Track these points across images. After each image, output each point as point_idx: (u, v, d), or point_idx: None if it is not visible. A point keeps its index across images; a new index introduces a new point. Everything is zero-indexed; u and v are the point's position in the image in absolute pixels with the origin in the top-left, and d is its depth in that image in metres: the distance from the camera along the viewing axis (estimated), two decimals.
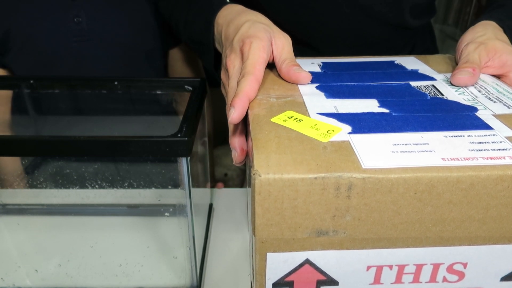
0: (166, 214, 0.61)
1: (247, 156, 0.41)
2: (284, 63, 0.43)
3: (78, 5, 0.74)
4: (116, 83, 0.56)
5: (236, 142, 0.41)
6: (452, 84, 0.43)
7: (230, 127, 0.42)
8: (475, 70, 0.42)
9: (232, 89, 0.41)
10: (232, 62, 0.43)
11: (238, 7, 0.50)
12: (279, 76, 0.44)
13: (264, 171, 0.29)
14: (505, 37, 0.48)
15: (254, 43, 0.42)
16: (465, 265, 0.33)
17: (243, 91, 0.38)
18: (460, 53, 0.47)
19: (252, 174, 0.29)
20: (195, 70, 0.90)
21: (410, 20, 0.64)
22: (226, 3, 0.52)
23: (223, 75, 0.47)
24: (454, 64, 0.50)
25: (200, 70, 0.91)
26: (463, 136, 0.33)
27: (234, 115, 0.37)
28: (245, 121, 0.41)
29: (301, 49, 0.66)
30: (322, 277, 0.33)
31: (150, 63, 0.82)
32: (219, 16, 0.51)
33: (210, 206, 0.65)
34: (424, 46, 0.74)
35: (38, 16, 0.73)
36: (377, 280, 0.34)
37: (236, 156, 0.41)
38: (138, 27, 0.79)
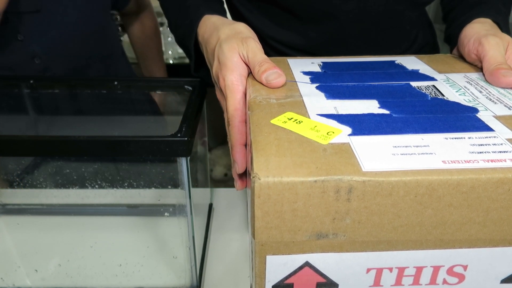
0: (166, 214, 0.61)
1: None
2: (255, 72, 0.44)
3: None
4: (115, 83, 0.56)
5: (237, 156, 0.42)
6: (454, 84, 0.43)
7: (230, 143, 0.44)
8: None
9: (228, 130, 0.45)
10: (220, 97, 0.49)
11: (211, 22, 0.52)
12: None
13: (264, 174, 0.29)
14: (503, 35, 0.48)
15: (227, 79, 0.44)
16: (465, 267, 0.33)
17: (235, 142, 0.42)
18: (471, 47, 0.48)
19: (251, 177, 0.29)
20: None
21: None
22: (202, 15, 0.53)
23: (218, 94, 0.50)
24: (455, 64, 0.50)
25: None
26: (464, 138, 0.33)
27: (240, 168, 0.42)
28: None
29: (304, 27, 0.65)
30: (322, 280, 0.33)
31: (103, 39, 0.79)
32: (198, 33, 0.53)
33: (210, 206, 0.65)
34: (425, 39, 0.73)
35: None
36: (377, 283, 0.34)
37: (237, 168, 0.42)
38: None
